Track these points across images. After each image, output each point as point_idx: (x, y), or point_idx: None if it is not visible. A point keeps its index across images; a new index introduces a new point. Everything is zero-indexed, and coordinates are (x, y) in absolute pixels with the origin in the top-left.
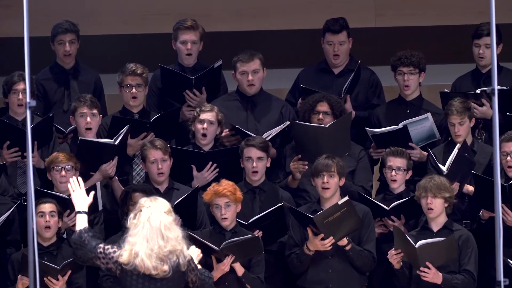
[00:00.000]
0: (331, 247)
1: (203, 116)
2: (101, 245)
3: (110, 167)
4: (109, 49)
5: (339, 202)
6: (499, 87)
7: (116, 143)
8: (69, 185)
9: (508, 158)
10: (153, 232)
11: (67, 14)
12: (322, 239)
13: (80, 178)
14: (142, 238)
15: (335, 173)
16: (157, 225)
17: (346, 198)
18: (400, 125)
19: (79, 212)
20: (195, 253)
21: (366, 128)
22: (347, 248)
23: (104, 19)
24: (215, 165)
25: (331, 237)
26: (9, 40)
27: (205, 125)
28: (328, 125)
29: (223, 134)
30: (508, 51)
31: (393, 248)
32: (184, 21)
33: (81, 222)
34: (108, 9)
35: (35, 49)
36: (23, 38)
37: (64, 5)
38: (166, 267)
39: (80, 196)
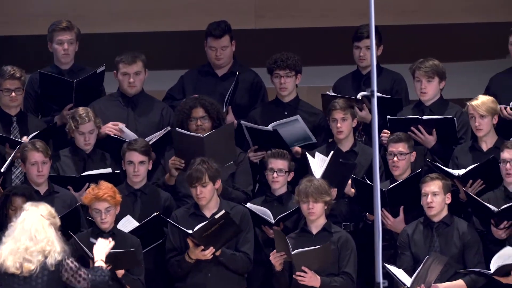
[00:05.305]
0: (212, 256)
1: (82, 128)
2: None
3: None
4: None
5: (216, 216)
6: (379, 95)
7: (3, 170)
8: None
9: (395, 158)
10: (22, 233)
11: None
12: (203, 249)
13: None
14: (11, 239)
15: (207, 182)
16: (29, 226)
17: (223, 211)
18: (270, 128)
19: None
20: (103, 244)
21: (241, 121)
22: (217, 254)
23: None
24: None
25: (212, 247)
26: None
27: (86, 138)
28: (204, 135)
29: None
30: (388, 53)
31: (275, 250)
32: (59, 22)
33: None
34: None
35: None
36: None
37: None
38: (31, 266)
39: None
